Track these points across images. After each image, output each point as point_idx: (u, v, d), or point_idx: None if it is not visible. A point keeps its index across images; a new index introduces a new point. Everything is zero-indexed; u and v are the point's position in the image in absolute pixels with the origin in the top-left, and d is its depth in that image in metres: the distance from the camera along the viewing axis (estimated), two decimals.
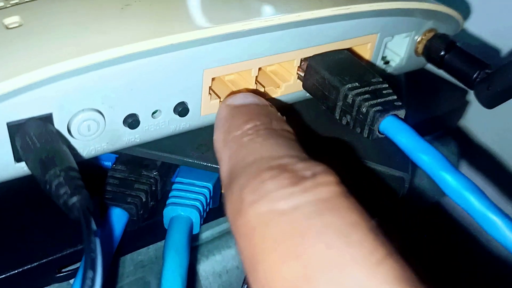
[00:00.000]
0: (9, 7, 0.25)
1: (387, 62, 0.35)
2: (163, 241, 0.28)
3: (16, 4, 0.26)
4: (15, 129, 0.23)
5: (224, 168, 0.22)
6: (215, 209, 0.32)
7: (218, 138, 0.24)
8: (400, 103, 0.27)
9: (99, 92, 0.24)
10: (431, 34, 0.34)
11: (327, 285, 0.16)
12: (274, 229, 0.17)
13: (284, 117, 0.25)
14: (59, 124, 0.24)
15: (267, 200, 0.18)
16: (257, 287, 0.17)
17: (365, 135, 0.28)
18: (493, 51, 0.40)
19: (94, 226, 0.20)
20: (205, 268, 0.34)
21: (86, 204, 0.21)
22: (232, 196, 0.20)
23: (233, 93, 0.28)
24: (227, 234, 0.35)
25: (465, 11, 0.41)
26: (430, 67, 0.38)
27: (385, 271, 0.16)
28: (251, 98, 0.25)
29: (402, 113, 0.27)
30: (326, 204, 0.18)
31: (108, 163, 0.31)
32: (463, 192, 0.24)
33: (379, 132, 0.27)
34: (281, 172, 0.19)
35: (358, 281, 0.16)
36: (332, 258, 0.16)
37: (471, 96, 0.33)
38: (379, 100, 0.27)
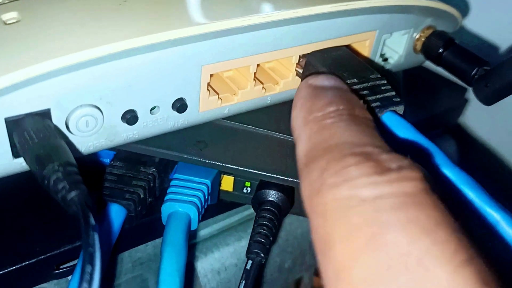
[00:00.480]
0: (7, 3, 0.25)
1: (385, 59, 0.35)
2: (162, 238, 0.28)
3: (14, 0, 0.26)
4: (13, 125, 0.23)
5: (303, 147, 0.21)
6: (213, 206, 0.32)
7: (297, 116, 0.23)
8: (399, 99, 0.27)
9: (97, 88, 0.24)
10: (430, 31, 0.34)
11: (407, 281, 0.15)
12: (354, 215, 0.17)
13: (365, 105, 0.24)
14: (57, 120, 0.24)
15: (350, 186, 0.18)
16: (330, 270, 0.17)
17: None
18: (491, 48, 0.40)
19: (92, 221, 0.20)
20: (203, 265, 0.34)
21: (84, 199, 0.21)
22: (310, 176, 0.19)
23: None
24: (226, 231, 0.35)
25: (464, 9, 0.41)
26: (429, 65, 0.38)
27: (468, 273, 0.15)
28: (333, 81, 0.25)
29: (400, 109, 0.27)
30: (411, 199, 0.17)
31: (106, 160, 0.31)
32: (461, 187, 0.24)
33: None
34: (365, 160, 0.18)
35: (439, 281, 0.15)
36: (415, 254, 0.16)
37: (470, 94, 0.33)
38: (377, 96, 0.27)
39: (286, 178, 0.28)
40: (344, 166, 0.18)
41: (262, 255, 0.27)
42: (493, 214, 0.23)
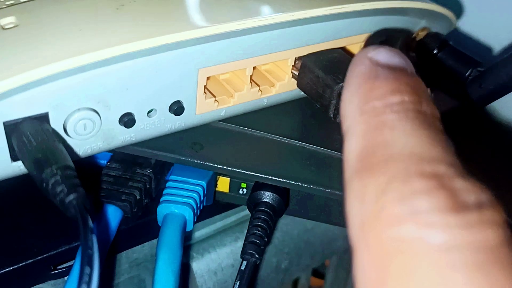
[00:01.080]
0: (4, 7, 0.25)
1: None
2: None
3: (12, 4, 0.26)
4: (12, 129, 0.23)
5: (355, 146, 0.17)
6: (210, 207, 0.32)
7: (351, 101, 0.19)
8: None
9: (95, 92, 0.24)
10: (424, 32, 0.34)
11: None
12: (419, 268, 0.14)
13: (433, 94, 0.19)
14: (55, 123, 0.24)
15: (417, 224, 0.14)
16: None
17: None
18: (485, 49, 0.41)
19: (91, 224, 0.20)
20: (200, 266, 0.34)
21: (82, 202, 0.21)
22: (363, 193, 0.16)
23: (227, 91, 0.28)
24: (222, 232, 0.35)
25: (458, 10, 0.41)
26: None
27: None
28: (398, 59, 0.19)
29: None
30: (492, 256, 0.13)
31: (103, 162, 0.31)
32: None
33: None
34: (438, 187, 0.14)
35: None
36: None
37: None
38: None
39: (281, 180, 0.28)
40: (411, 192, 0.15)
41: (257, 256, 0.27)
42: None
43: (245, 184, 0.31)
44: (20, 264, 0.27)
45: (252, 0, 0.28)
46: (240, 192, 0.31)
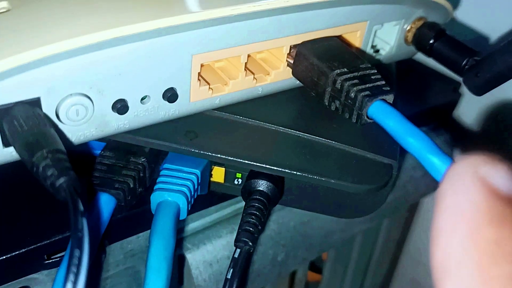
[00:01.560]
0: None
1: (377, 51, 0.35)
2: None
3: None
4: (3, 113, 0.23)
5: None
6: (205, 198, 0.32)
7: (461, 259, 0.13)
8: (389, 88, 0.28)
9: (87, 77, 0.24)
10: (421, 22, 0.34)
11: None
12: None
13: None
14: (48, 109, 0.24)
15: None
16: None
17: (354, 120, 0.28)
18: (482, 39, 0.41)
19: (81, 207, 0.20)
20: (195, 257, 0.34)
21: (73, 185, 0.21)
22: None
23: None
24: (218, 224, 0.35)
25: (455, 0, 0.41)
26: (423, 59, 0.38)
27: None
28: None
29: (390, 97, 0.27)
30: None
31: (97, 151, 0.31)
32: None
33: (367, 116, 0.27)
34: None
35: None
36: None
37: (464, 88, 0.33)
38: (367, 85, 0.27)
39: (276, 168, 0.28)
40: None
41: (250, 243, 0.27)
42: None
43: (240, 174, 0.31)
44: (13, 254, 0.27)
45: None
46: (235, 182, 0.31)
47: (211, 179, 0.31)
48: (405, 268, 0.58)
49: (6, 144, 0.24)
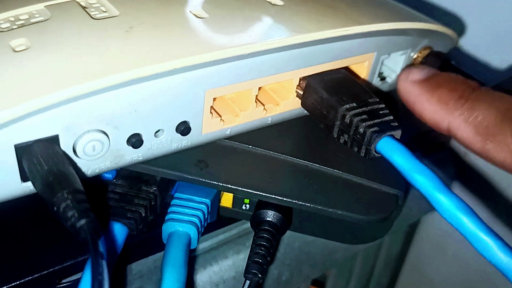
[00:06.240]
0: (15, 28, 0.26)
1: (383, 79, 0.36)
2: (162, 253, 0.28)
3: (22, 25, 0.26)
4: (23, 151, 0.24)
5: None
6: (212, 222, 0.32)
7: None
8: (396, 124, 0.28)
9: (104, 114, 0.25)
10: (427, 51, 0.35)
11: None
12: None
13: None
14: (65, 145, 0.25)
15: None
16: None
17: (362, 154, 0.28)
18: (487, 69, 0.41)
19: (101, 249, 0.21)
20: (202, 278, 0.34)
21: (93, 227, 0.21)
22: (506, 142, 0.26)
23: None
24: (225, 244, 0.36)
25: (460, 28, 0.42)
26: None
27: None
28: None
29: (398, 133, 0.28)
30: None
31: (108, 176, 0.31)
32: (456, 212, 0.25)
33: (375, 151, 0.28)
34: None
35: None
36: None
37: None
38: (376, 120, 0.28)
39: (284, 199, 0.29)
40: None
41: (260, 275, 0.28)
42: (486, 239, 0.24)
43: (248, 200, 0.31)
44: (26, 279, 0.27)
45: (258, 24, 0.28)
46: (243, 207, 0.31)
47: (219, 204, 0.32)
48: (407, 282, 0.58)
49: (24, 179, 0.25)
